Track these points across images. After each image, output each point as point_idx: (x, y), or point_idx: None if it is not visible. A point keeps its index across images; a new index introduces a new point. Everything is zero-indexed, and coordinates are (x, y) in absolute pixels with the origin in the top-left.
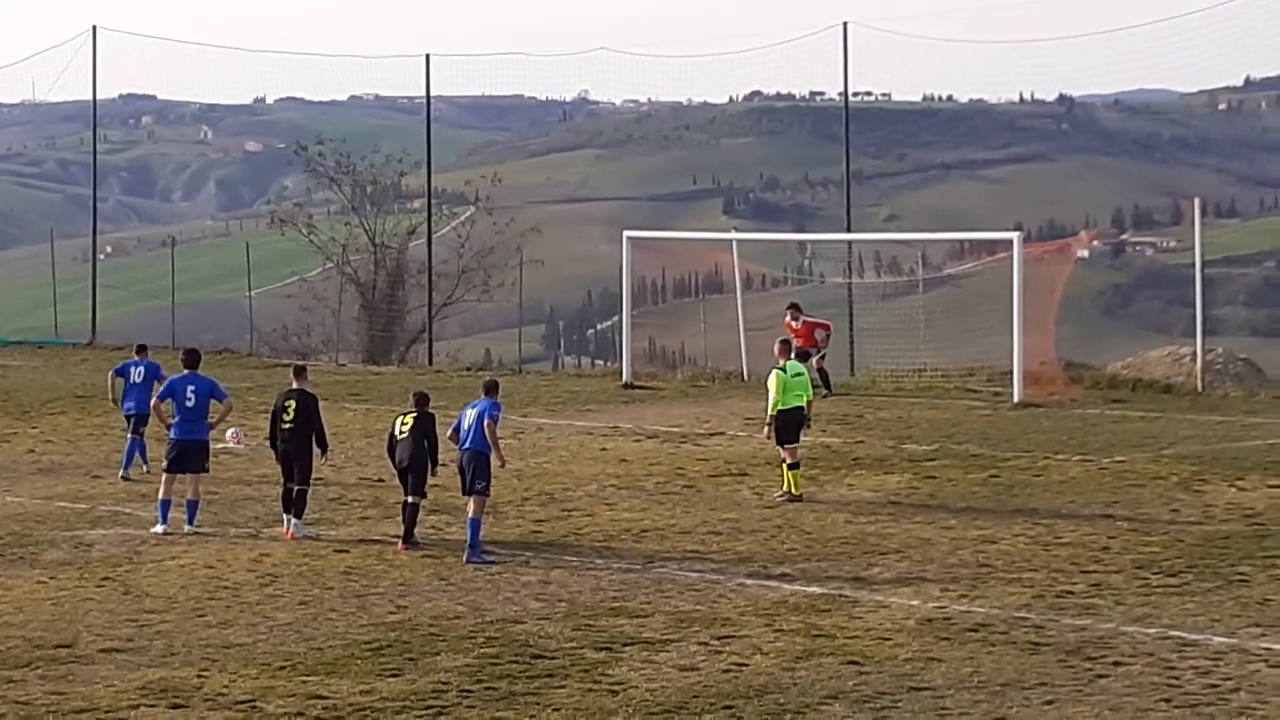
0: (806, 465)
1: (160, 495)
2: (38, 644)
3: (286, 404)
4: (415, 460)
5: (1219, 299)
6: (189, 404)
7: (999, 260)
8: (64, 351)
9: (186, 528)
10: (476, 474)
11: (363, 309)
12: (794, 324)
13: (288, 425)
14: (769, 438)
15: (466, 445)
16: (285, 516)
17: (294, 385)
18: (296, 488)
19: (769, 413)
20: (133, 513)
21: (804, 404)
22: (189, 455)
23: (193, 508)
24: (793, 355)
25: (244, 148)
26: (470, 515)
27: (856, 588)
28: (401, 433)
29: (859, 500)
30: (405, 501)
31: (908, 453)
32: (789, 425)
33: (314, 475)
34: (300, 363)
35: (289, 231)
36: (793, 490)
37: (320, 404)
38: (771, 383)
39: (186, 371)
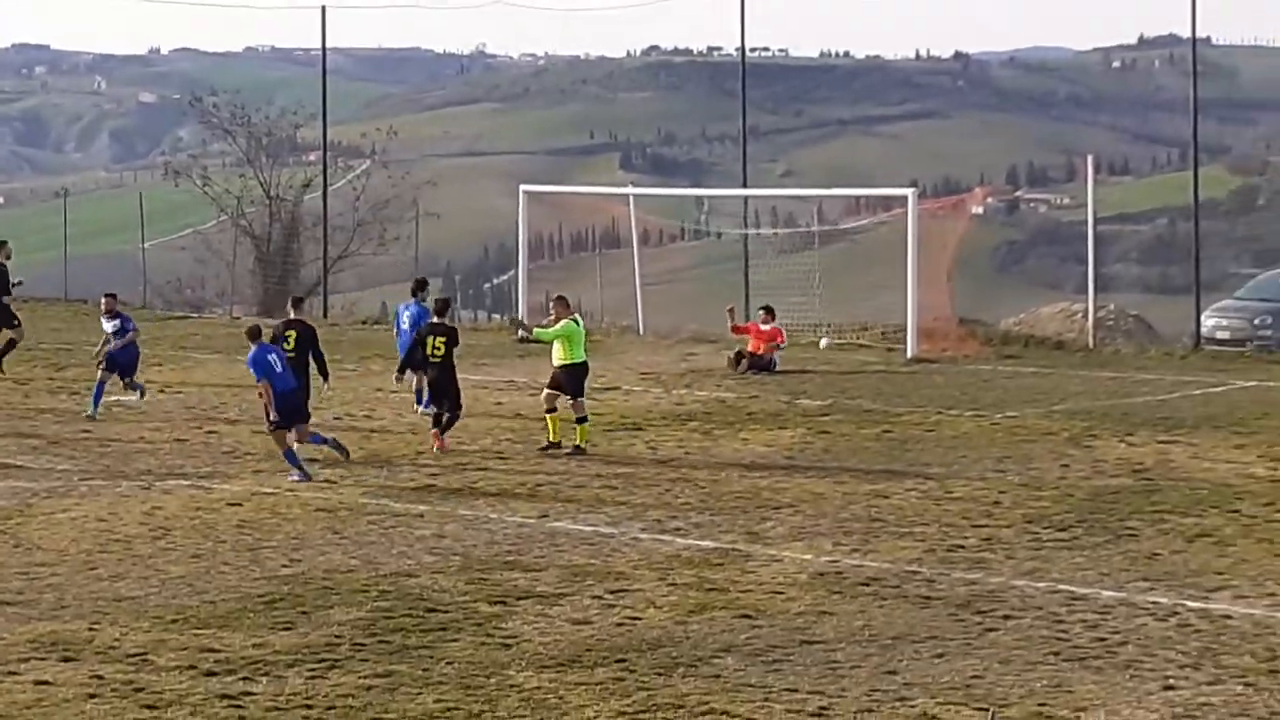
0: (701, 419)
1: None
2: None
3: (286, 334)
4: (450, 384)
5: (1111, 256)
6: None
7: (894, 216)
8: None
9: None
10: None
11: (257, 262)
12: (763, 326)
13: (290, 355)
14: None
15: None
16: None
17: (292, 315)
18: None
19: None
20: (24, 464)
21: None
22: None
23: None
24: (747, 367)
25: (138, 99)
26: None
27: (750, 542)
28: (435, 355)
29: (753, 455)
30: (441, 415)
31: (801, 408)
32: (578, 378)
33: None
34: (299, 294)
35: (183, 183)
36: (580, 443)
37: (319, 333)
38: (565, 333)
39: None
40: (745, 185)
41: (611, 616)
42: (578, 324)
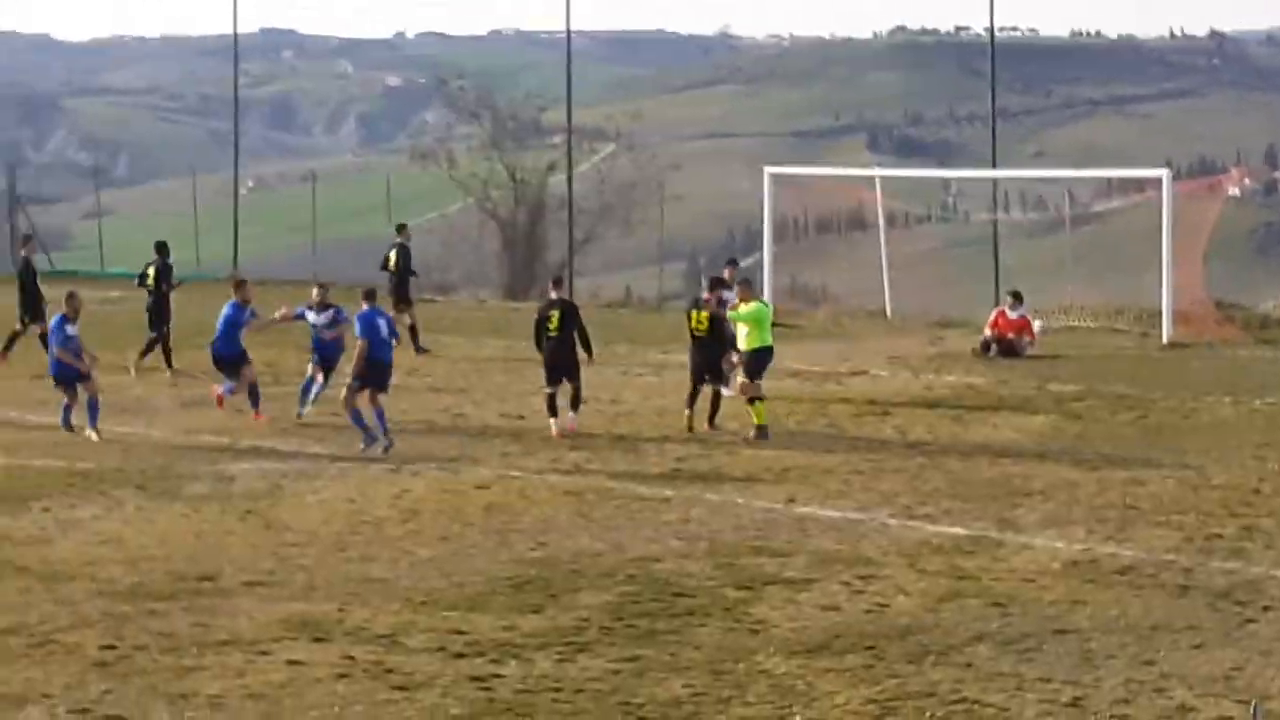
0: (950, 404)
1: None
2: (180, 576)
3: (550, 313)
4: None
5: None
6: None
7: (1147, 198)
8: (206, 286)
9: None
10: None
11: (503, 245)
12: (1011, 313)
13: (553, 334)
14: (737, 374)
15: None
16: (551, 420)
17: (553, 295)
18: (573, 385)
19: (744, 349)
20: (274, 447)
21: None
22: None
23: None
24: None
25: (384, 82)
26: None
27: (1001, 529)
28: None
29: (1003, 440)
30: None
31: (1054, 393)
32: (763, 363)
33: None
34: (558, 274)
35: (429, 167)
36: (760, 422)
37: (580, 311)
38: (754, 316)
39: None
40: (994, 167)
41: (861, 603)
42: (766, 306)
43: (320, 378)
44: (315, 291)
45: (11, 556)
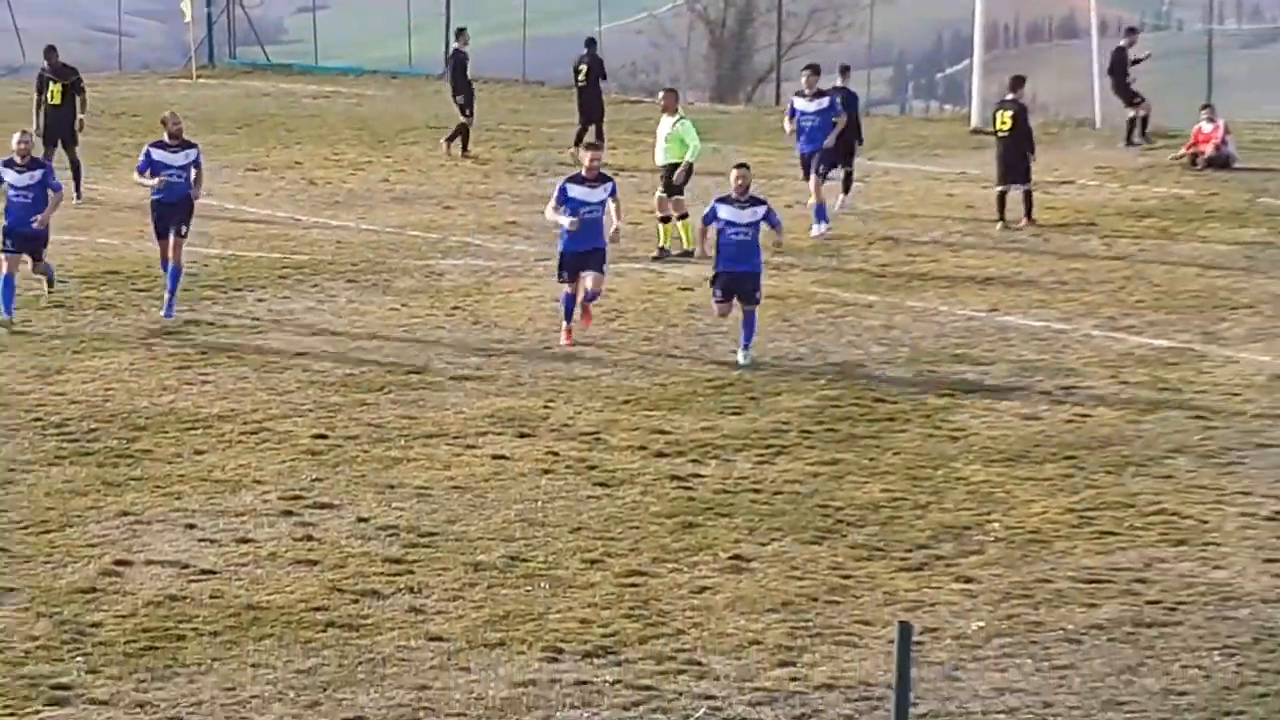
0: (1158, 215)
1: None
2: (390, 369)
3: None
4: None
5: None
6: None
7: None
8: (417, 82)
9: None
10: None
11: (711, 47)
12: (1205, 127)
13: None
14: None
15: None
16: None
17: (838, 83)
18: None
19: (689, 160)
20: (482, 244)
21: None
22: None
23: None
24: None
25: None
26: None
27: (1205, 342)
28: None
29: (1211, 253)
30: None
31: (1264, 206)
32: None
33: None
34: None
35: None
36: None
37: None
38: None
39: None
40: None
41: (1061, 413)
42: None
43: None
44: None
45: (227, 346)
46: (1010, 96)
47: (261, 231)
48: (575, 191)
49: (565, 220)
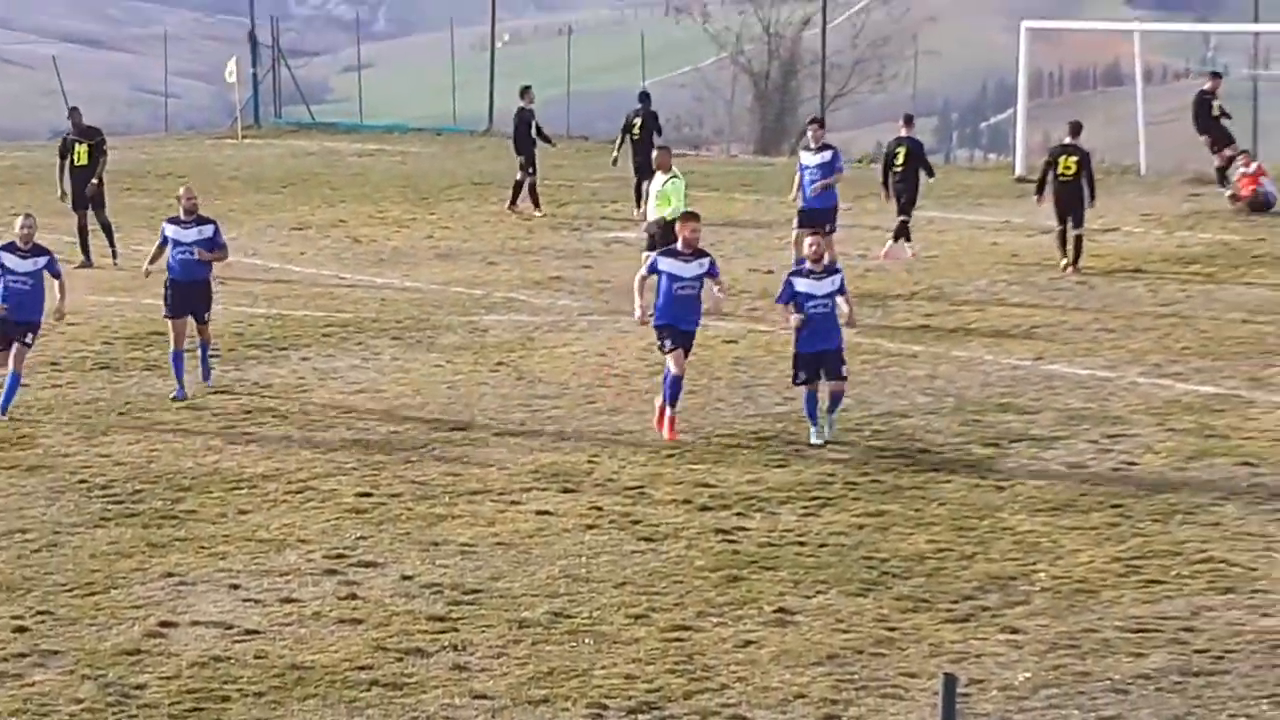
0: (1204, 262)
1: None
2: (434, 426)
3: (896, 150)
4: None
5: None
6: None
7: None
8: (462, 139)
9: None
10: None
11: (755, 99)
12: (1245, 170)
13: (898, 169)
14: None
15: None
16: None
17: (903, 133)
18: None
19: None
20: (526, 299)
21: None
22: None
23: None
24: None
25: None
26: None
27: (1252, 388)
28: (1065, 175)
29: (1257, 299)
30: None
31: None
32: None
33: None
34: (908, 113)
35: (684, 21)
36: None
37: (925, 149)
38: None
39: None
40: (1256, 19)
41: (1107, 461)
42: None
43: None
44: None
45: (271, 405)
46: (1071, 141)
47: (306, 290)
48: (666, 265)
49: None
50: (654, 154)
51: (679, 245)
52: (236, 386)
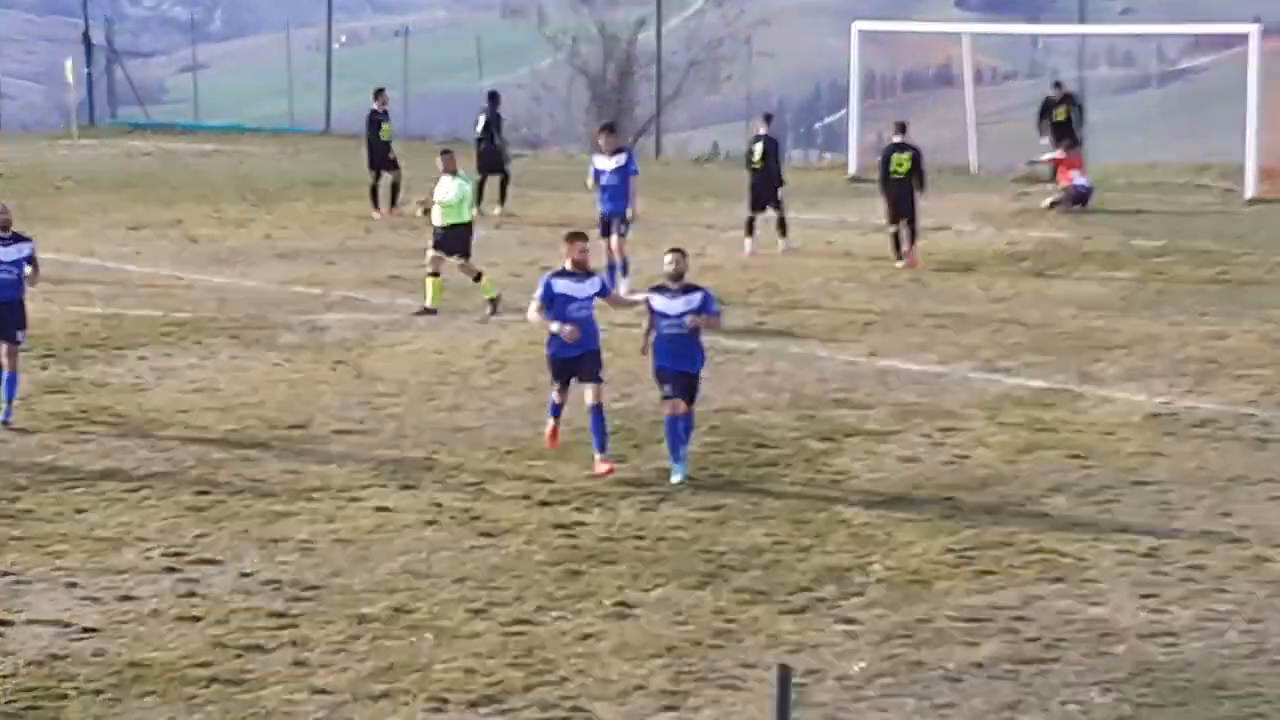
0: (1034, 259)
1: None
2: (273, 424)
3: (753, 147)
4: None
5: None
6: None
7: (1235, 54)
8: (299, 139)
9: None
10: None
11: (592, 101)
12: (1063, 155)
13: (898, 175)
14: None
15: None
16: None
17: (760, 130)
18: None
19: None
20: (365, 298)
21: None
22: None
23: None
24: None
25: None
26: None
27: (1082, 382)
28: (897, 173)
29: (1086, 295)
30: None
31: (1137, 248)
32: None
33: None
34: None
35: (520, 22)
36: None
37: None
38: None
39: None
40: (1082, 22)
41: (940, 455)
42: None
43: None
44: (442, 159)
45: (108, 404)
46: (901, 139)
47: (143, 290)
48: (561, 286)
49: (554, 326)
50: (438, 158)
51: (568, 265)
52: (73, 386)
